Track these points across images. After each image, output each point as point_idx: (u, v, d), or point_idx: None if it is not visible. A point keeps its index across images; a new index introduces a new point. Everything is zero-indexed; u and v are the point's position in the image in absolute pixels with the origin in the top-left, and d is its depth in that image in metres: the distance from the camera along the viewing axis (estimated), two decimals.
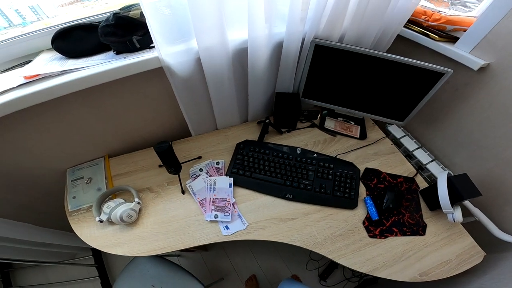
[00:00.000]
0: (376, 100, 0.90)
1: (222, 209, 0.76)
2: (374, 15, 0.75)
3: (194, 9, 0.58)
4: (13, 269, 1.30)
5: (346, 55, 0.78)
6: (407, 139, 1.00)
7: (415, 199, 0.81)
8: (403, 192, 0.81)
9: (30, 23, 0.74)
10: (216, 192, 0.79)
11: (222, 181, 0.81)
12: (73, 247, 1.17)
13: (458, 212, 0.69)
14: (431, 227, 0.75)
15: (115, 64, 0.62)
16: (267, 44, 0.73)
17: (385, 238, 0.73)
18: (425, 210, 0.78)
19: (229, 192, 0.79)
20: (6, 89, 0.57)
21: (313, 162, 0.86)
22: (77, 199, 0.77)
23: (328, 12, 0.72)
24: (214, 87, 0.78)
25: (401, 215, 0.76)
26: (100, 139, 0.82)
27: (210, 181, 0.81)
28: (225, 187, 0.80)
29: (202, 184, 0.81)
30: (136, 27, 0.65)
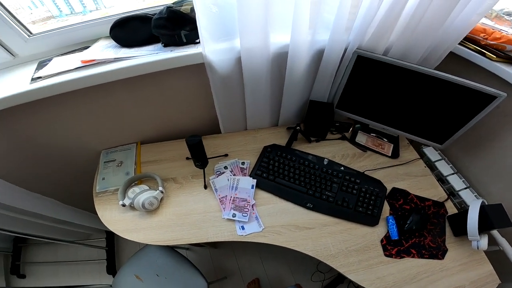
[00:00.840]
0: (416, 119, 0.85)
1: (241, 209, 0.76)
2: (428, 29, 0.71)
3: (242, 9, 0.60)
4: (26, 245, 1.37)
5: (390, 69, 0.75)
6: (443, 163, 0.94)
7: (441, 223, 0.77)
8: (429, 216, 0.77)
9: (89, 12, 0.79)
10: (237, 191, 0.79)
11: (245, 182, 0.81)
12: (90, 227, 1.22)
13: (484, 240, 0.67)
14: (451, 252, 0.72)
15: (162, 56, 0.66)
16: (308, 50, 0.73)
17: (400, 258, 0.70)
18: (449, 235, 0.75)
19: (251, 194, 0.79)
20: (64, 70, 0.62)
21: (339, 175, 0.84)
22: (106, 180, 0.81)
23: (377, 23, 0.70)
24: (250, 88, 0.78)
25: (423, 238, 0.74)
26: (136, 125, 0.86)
27: (234, 180, 0.81)
28: (247, 188, 0.80)
29: (225, 182, 0.81)
30: (185, 22, 0.68)
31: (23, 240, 1.35)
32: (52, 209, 0.90)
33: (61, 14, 0.76)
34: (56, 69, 0.63)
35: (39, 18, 0.73)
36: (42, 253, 1.36)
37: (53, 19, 0.75)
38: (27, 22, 0.70)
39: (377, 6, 0.65)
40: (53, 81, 0.60)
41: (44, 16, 0.73)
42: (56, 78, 0.61)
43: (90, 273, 1.31)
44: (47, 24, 0.74)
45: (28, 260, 1.35)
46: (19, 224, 0.90)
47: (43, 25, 0.73)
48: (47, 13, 0.74)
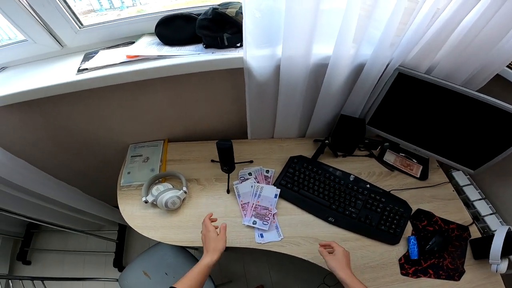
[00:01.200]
0: (451, 142, 0.82)
1: (262, 217, 0.75)
2: (479, 50, 0.67)
3: (290, 16, 0.59)
4: (39, 231, 1.38)
5: (431, 89, 0.72)
6: (471, 188, 0.90)
7: (462, 246, 0.76)
8: (452, 238, 0.76)
9: (126, 8, 0.80)
10: (260, 199, 0.78)
11: (268, 190, 0.80)
12: (104, 219, 1.22)
13: (504, 264, 0.67)
14: (468, 274, 0.71)
15: (204, 57, 0.66)
16: (349, 64, 0.71)
17: (417, 278, 0.70)
18: (469, 258, 0.74)
19: (273, 202, 0.78)
20: (110, 64, 0.64)
21: (364, 192, 0.82)
22: (131, 175, 0.81)
23: (425, 41, 0.67)
24: (284, 97, 0.77)
25: (442, 259, 0.73)
26: (166, 123, 0.87)
27: (257, 188, 0.80)
28: (270, 197, 0.79)
29: (249, 189, 0.80)
30: (229, 24, 0.68)
31: (36, 226, 1.36)
32: (72, 198, 0.91)
33: (101, 8, 0.78)
34: (102, 62, 0.64)
35: (81, 11, 0.75)
36: (53, 240, 1.38)
37: (93, 13, 0.77)
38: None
39: (428, 24, 0.63)
40: (99, 73, 0.62)
41: (85, 9, 0.76)
42: (103, 70, 0.63)
43: (96, 264, 1.31)
44: (88, 17, 0.76)
45: (38, 247, 1.36)
46: (34, 210, 0.90)
47: (84, 18, 0.75)
48: (89, 6, 0.76)
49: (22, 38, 0.69)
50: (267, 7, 0.61)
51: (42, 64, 0.72)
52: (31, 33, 0.67)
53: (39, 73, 0.68)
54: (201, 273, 0.56)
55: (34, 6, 0.62)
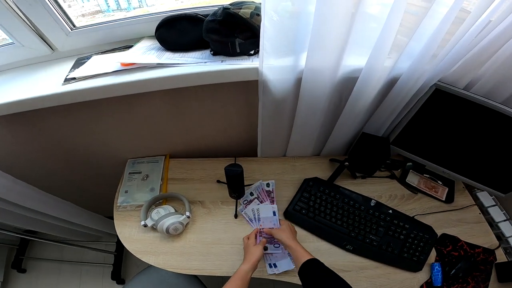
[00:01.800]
0: (483, 165, 0.74)
1: (271, 241, 0.69)
2: None
3: (319, 21, 0.49)
4: (33, 240, 1.32)
5: (468, 106, 0.64)
6: (496, 209, 0.84)
7: (488, 270, 0.72)
8: (478, 263, 0.72)
9: (133, 9, 0.75)
10: (261, 222, 0.72)
11: (264, 210, 0.74)
12: (102, 231, 1.17)
13: None
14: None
15: (211, 67, 0.56)
16: (382, 77, 0.61)
17: None
18: (493, 281, 0.70)
19: (275, 221, 0.72)
20: (102, 73, 0.54)
21: (386, 219, 0.75)
22: (129, 194, 0.73)
23: (471, 55, 0.57)
24: (303, 114, 0.68)
25: (466, 284, 0.70)
26: (167, 137, 0.78)
27: (254, 211, 0.74)
28: (269, 216, 0.73)
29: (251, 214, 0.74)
30: (242, 28, 0.58)
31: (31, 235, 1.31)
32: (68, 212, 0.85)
33: (109, 9, 0.74)
34: (93, 70, 0.55)
35: (88, 12, 0.71)
36: (48, 250, 1.31)
37: (100, 14, 0.73)
38: (77, 15, 0.67)
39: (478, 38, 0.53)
40: (87, 85, 0.53)
41: (93, 10, 0.72)
42: (92, 81, 0.54)
43: (93, 276, 1.24)
44: (95, 19, 0.71)
45: (33, 255, 1.31)
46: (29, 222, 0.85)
47: (92, 19, 0.71)
48: (96, 7, 0.72)
49: (9, 41, 0.61)
50: (290, 8, 0.51)
51: (30, 70, 0.64)
52: (17, 35, 0.59)
53: (26, 81, 0.60)
54: (240, 278, 0.56)
55: (19, 5, 0.54)
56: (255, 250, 0.61)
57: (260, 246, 0.62)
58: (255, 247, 0.62)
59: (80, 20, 0.68)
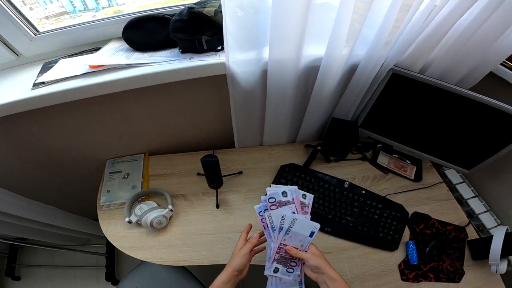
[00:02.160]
0: (445, 143, 0.80)
1: (286, 262, 0.53)
2: (474, 49, 0.64)
3: (277, 15, 0.52)
4: (23, 247, 1.30)
5: (425, 89, 0.69)
6: (464, 186, 0.90)
7: (461, 248, 0.76)
8: (450, 240, 0.76)
9: (102, 9, 0.74)
10: (288, 236, 0.52)
11: (302, 225, 0.52)
12: (90, 234, 1.17)
13: (504, 264, 0.67)
14: (468, 275, 0.71)
15: (179, 64, 0.59)
16: (342, 65, 0.66)
17: (417, 282, 0.69)
18: (467, 259, 0.74)
19: (306, 243, 0.53)
20: (70, 76, 0.55)
21: (360, 199, 0.79)
22: (111, 193, 0.75)
23: (420, 40, 0.62)
24: (272, 103, 0.71)
25: (441, 262, 0.73)
26: (145, 135, 0.80)
27: (283, 219, 0.52)
28: (303, 234, 0.52)
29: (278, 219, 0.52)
30: (207, 25, 0.60)
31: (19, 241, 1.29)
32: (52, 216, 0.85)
33: (75, 10, 0.73)
34: (61, 74, 0.56)
35: (52, 14, 0.69)
36: (39, 256, 1.31)
37: (66, 15, 0.71)
38: (41, 18, 0.66)
39: (425, 22, 0.58)
40: (56, 88, 0.54)
41: (57, 11, 0.70)
42: (60, 85, 0.54)
43: (88, 278, 1.25)
44: (60, 20, 0.70)
45: (24, 262, 1.30)
46: (15, 229, 0.84)
47: (57, 21, 0.70)
48: (61, 8, 0.70)
49: None
50: (251, 4, 0.54)
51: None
52: None
53: None
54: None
55: None
56: (236, 255, 0.51)
57: (244, 250, 0.51)
58: (239, 250, 0.51)
59: (44, 23, 0.67)
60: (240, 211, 0.76)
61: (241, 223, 0.73)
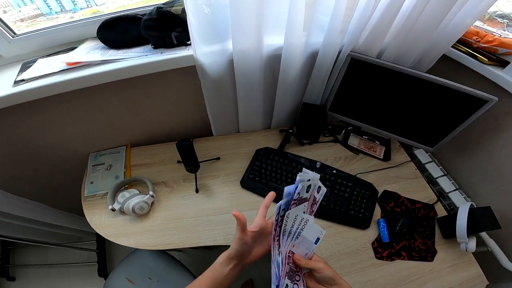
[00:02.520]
0: (407, 122, 0.86)
1: (292, 276, 0.44)
2: (421, 32, 0.71)
3: (235, 10, 0.58)
4: (15, 247, 1.34)
5: (383, 72, 0.75)
6: (433, 165, 0.95)
7: (431, 226, 0.77)
8: (419, 218, 0.78)
9: (79, 10, 0.76)
10: (298, 242, 0.45)
11: (310, 230, 0.44)
12: (80, 230, 1.19)
13: (473, 242, 0.68)
14: (440, 254, 0.73)
15: (150, 58, 0.64)
16: (302, 52, 0.72)
17: (391, 261, 0.71)
18: (439, 237, 0.76)
19: (310, 251, 0.45)
20: (48, 73, 0.60)
21: (331, 178, 0.84)
22: (95, 184, 0.79)
23: (371, 26, 0.69)
24: (242, 91, 0.77)
25: (413, 240, 0.74)
26: (125, 128, 0.84)
27: (300, 222, 0.44)
28: (310, 240, 0.45)
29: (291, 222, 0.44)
30: (176, 23, 0.66)
31: (11, 242, 1.31)
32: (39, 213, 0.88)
33: (51, 11, 0.74)
34: (40, 72, 0.60)
35: (27, 16, 0.70)
36: (32, 255, 1.34)
37: (42, 17, 0.73)
38: (15, 20, 0.68)
39: (372, 9, 0.64)
40: (35, 84, 0.58)
41: (33, 14, 0.71)
42: (39, 81, 0.59)
43: (81, 275, 1.29)
44: (36, 22, 0.72)
45: (18, 262, 1.32)
46: (5, 228, 0.87)
47: (32, 23, 0.71)
48: (36, 10, 0.71)
49: None
50: (215, 2, 0.60)
51: None
52: None
53: None
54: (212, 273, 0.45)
55: None
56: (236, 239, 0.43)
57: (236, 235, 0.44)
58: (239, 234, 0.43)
59: (19, 26, 0.69)
60: (218, 194, 0.80)
61: (219, 205, 0.78)
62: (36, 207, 0.86)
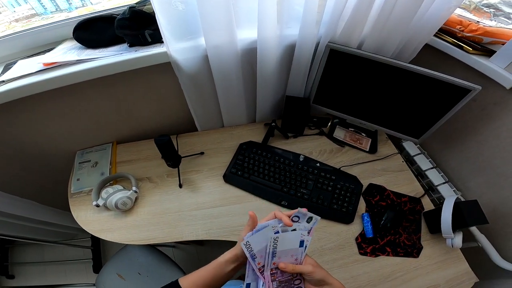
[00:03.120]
0: (392, 113, 0.84)
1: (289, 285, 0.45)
2: (398, 22, 0.69)
3: (203, 5, 0.58)
4: (13, 246, 1.39)
5: (364, 63, 0.74)
6: (422, 157, 0.93)
7: (417, 220, 0.75)
8: (405, 212, 0.76)
9: (75, 9, 0.77)
10: (276, 258, 0.44)
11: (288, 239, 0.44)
12: (74, 228, 1.22)
13: (458, 238, 0.65)
14: (426, 250, 0.71)
15: (125, 56, 0.65)
16: (277, 45, 0.71)
17: (375, 257, 0.69)
18: (425, 232, 0.74)
19: (299, 254, 0.45)
20: (26, 74, 0.62)
21: (314, 172, 0.83)
22: (81, 181, 0.81)
23: (347, 16, 0.68)
24: (221, 85, 0.77)
25: (398, 235, 0.72)
26: (111, 125, 0.86)
27: (271, 241, 0.43)
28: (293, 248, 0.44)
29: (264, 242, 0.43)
30: (149, 21, 0.66)
31: (9, 241, 1.34)
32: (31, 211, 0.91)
33: (46, 11, 0.75)
34: (19, 73, 0.62)
35: (22, 16, 0.71)
36: (29, 253, 1.38)
37: (37, 17, 0.74)
38: (10, 21, 0.70)
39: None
40: (13, 85, 0.60)
41: (27, 14, 0.72)
42: (17, 82, 0.61)
43: (78, 272, 1.33)
44: (32, 22, 0.73)
45: (16, 260, 1.37)
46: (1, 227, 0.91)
47: (27, 23, 0.72)
48: (31, 10, 0.72)
49: None
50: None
51: None
52: None
53: None
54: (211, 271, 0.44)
55: None
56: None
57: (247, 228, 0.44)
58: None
59: (14, 26, 0.70)
60: (201, 189, 0.81)
61: (202, 200, 0.79)
62: (28, 204, 0.89)
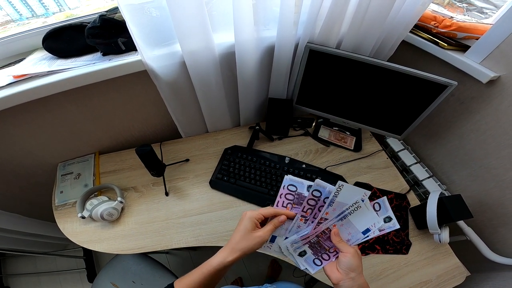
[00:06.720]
0: (373, 111, 0.85)
1: (318, 251, 0.44)
2: (374, 20, 0.69)
3: (175, 11, 0.56)
4: (4, 258, 1.37)
5: (343, 62, 0.74)
6: (406, 153, 0.94)
7: (404, 216, 0.76)
8: (391, 209, 0.76)
9: (52, 14, 0.75)
10: (341, 223, 0.42)
11: (363, 214, 0.43)
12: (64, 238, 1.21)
13: (445, 233, 0.66)
14: (415, 246, 0.71)
15: (98, 66, 0.63)
16: (256, 48, 0.70)
17: (365, 255, 0.70)
18: (413, 228, 0.75)
19: (354, 240, 0.43)
20: None
21: (300, 174, 0.83)
22: (64, 193, 0.80)
23: (324, 16, 0.67)
24: (201, 91, 0.76)
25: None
26: (91, 136, 0.84)
27: (355, 204, 0.42)
28: (356, 228, 0.43)
29: (348, 200, 0.42)
30: (121, 29, 0.64)
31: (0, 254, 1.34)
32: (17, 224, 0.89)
33: (22, 17, 0.73)
34: None
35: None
36: (21, 265, 1.37)
37: (12, 23, 0.72)
38: None
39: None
40: None
41: (2, 20, 0.70)
42: None
43: (72, 282, 1.32)
44: (7, 29, 0.71)
45: (9, 272, 1.36)
46: None
47: (3, 30, 0.70)
48: (6, 17, 0.70)
49: None
50: (155, 5, 0.58)
51: None
52: None
53: None
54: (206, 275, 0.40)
55: None
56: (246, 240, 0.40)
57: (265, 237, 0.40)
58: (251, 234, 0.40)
59: None
60: (188, 197, 0.81)
61: (189, 207, 0.79)
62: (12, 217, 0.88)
